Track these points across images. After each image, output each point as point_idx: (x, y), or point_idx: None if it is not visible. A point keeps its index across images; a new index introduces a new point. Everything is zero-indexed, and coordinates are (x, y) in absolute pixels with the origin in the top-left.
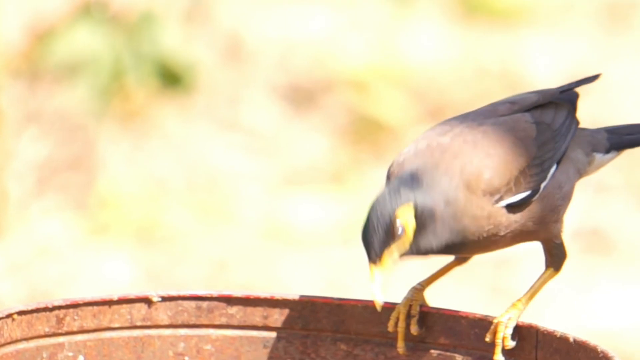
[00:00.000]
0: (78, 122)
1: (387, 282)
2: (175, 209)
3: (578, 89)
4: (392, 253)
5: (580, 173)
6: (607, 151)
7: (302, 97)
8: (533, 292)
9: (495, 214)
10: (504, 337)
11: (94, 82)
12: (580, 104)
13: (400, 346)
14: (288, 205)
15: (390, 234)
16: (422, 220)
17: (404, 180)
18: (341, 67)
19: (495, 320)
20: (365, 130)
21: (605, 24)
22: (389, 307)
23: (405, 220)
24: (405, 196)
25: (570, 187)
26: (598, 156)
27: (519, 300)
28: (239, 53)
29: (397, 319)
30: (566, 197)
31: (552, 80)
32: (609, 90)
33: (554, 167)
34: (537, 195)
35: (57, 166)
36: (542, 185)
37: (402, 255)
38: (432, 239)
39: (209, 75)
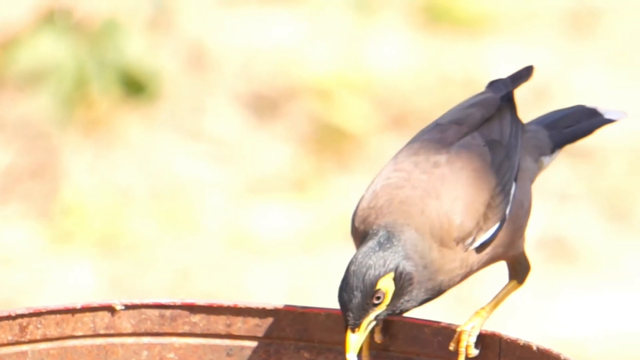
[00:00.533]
0: (41, 131)
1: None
2: (139, 217)
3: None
4: (369, 319)
5: (533, 181)
6: (552, 151)
7: (265, 105)
8: (497, 301)
9: (467, 258)
10: (467, 346)
11: (58, 91)
12: (543, 111)
13: (365, 355)
14: (251, 213)
15: (370, 302)
16: (401, 285)
17: (382, 243)
18: (305, 76)
19: (458, 329)
20: (329, 139)
21: (568, 32)
22: None
23: (386, 288)
24: (385, 263)
25: (530, 201)
26: (545, 159)
27: (482, 308)
28: (202, 61)
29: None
30: (528, 212)
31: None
32: (573, 98)
33: (513, 186)
34: (504, 224)
35: (20, 174)
36: (507, 211)
37: (377, 317)
38: (409, 301)
39: (173, 84)
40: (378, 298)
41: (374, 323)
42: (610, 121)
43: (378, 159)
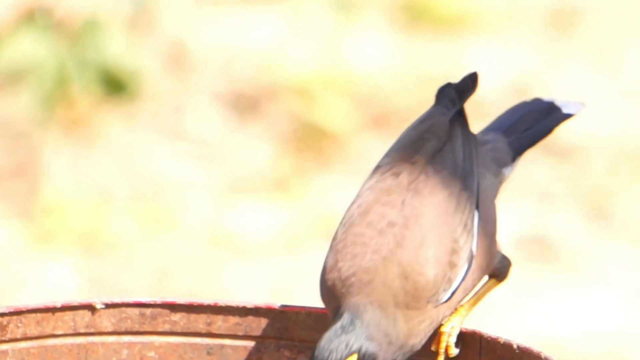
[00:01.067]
0: (21, 130)
1: None
2: (120, 216)
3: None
4: None
5: (495, 197)
6: (513, 160)
7: (246, 104)
8: (476, 299)
9: (437, 312)
10: (448, 346)
11: (38, 90)
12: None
13: None
14: (232, 213)
15: None
16: None
17: (345, 326)
18: (286, 75)
19: (440, 330)
20: (310, 138)
21: (549, 31)
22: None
23: None
24: (347, 345)
25: (495, 217)
26: (506, 171)
27: (461, 306)
28: (183, 61)
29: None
30: (495, 228)
31: (494, 87)
32: (553, 96)
33: (476, 216)
34: (473, 261)
35: (0, 173)
36: (474, 246)
37: None
38: None
39: (154, 83)
40: None
41: None
42: (569, 116)
43: (359, 158)
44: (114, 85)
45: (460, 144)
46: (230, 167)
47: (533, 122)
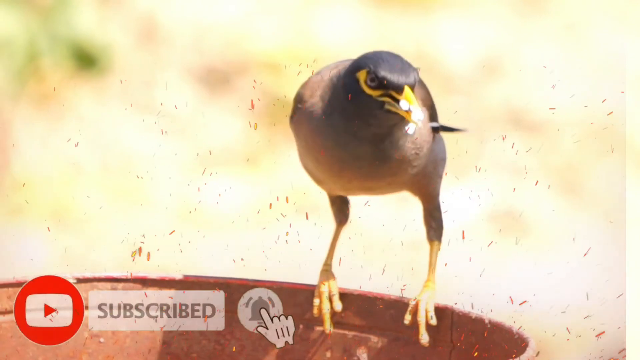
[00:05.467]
0: None
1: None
2: (91, 190)
3: None
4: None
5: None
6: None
7: (216, 79)
8: (433, 268)
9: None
10: (427, 314)
11: (9, 64)
12: (495, 89)
13: (327, 327)
14: (203, 187)
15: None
16: None
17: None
18: (255, 49)
19: (413, 302)
20: (280, 113)
21: (519, 7)
22: (303, 289)
23: None
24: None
25: (444, 156)
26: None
27: (428, 280)
28: (153, 35)
29: (320, 303)
30: (443, 165)
31: (465, 62)
32: (523, 74)
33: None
34: (435, 141)
35: None
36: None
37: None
38: None
39: (124, 57)
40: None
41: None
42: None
43: None
44: (85, 59)
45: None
46: (200, 141)
47: None
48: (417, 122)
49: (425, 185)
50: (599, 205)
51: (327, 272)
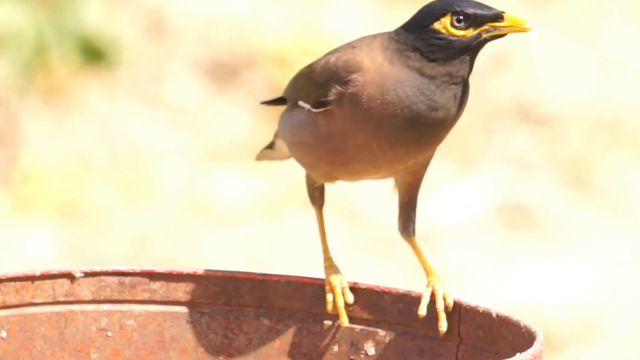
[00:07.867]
0: (1, 98)
1: None
2: (98, 184)
3: None
4: None
5: None
6: None
7: (224, 72)
8: (427, 264)
9: None
10: (445, 300)
11: (17, 58)
12: (502, 79)
13: (344, 321)
14: (210, 180)
15: None
16: None
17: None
18: (263, 43)
19: (426, 292)
20: None
21: (528, 0)
22: (311, 283)
23: None
24: None
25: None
26: None
27: (430, 275)
28: (161, 28)
29: (333, 297)
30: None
31: None
32: (532, 65)
33: None
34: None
35: None
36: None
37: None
38: None
39: (132, 51)
40: None
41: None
42: None
43: None
44: (93, 53)
45: None
46: (208, 135)
47: None
48: (532, 27)
49: (426, 166)
50: (608, 198)
51: (331, 266)
